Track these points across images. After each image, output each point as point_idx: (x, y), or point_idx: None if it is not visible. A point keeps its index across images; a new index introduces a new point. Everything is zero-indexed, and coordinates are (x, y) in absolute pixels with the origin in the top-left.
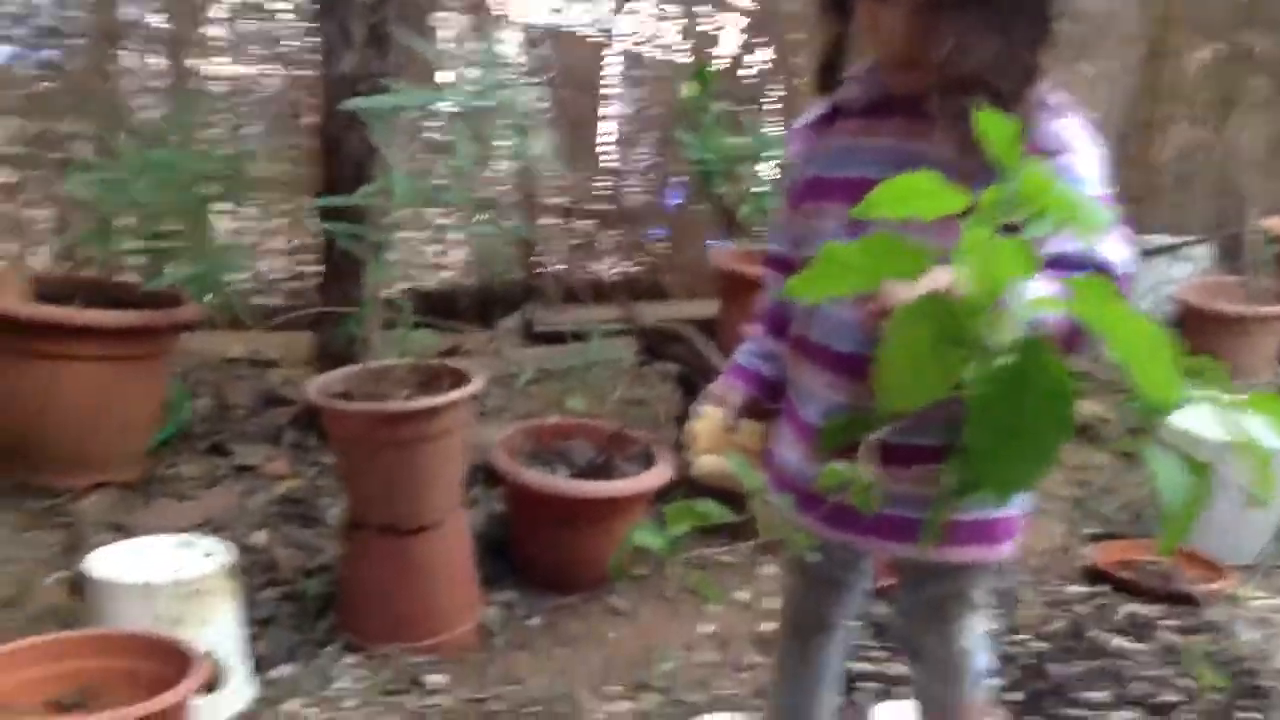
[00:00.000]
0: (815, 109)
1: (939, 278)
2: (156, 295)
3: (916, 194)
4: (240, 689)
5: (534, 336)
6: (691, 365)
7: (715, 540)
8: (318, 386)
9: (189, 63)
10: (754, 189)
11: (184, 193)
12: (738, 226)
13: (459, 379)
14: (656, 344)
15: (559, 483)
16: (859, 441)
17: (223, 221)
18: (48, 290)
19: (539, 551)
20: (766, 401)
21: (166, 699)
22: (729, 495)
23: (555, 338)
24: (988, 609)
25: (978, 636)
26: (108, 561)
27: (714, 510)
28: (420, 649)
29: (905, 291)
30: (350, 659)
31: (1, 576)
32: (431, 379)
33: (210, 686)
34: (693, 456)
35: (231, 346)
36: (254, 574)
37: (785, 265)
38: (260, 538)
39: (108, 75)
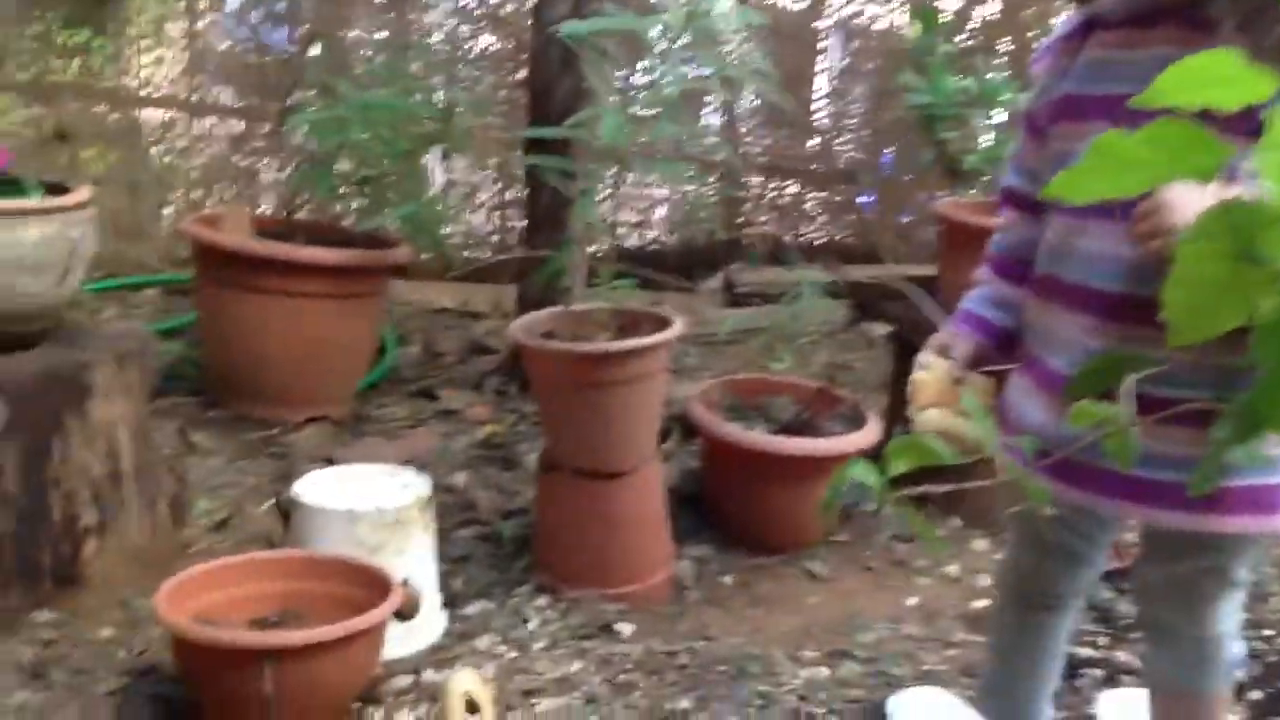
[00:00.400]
0: (1068, 22)
1: (1228, 188)
2: (371, 237)
3: (1215, 77)
4: (434, 621)
5: (735, 298)
6: (908, 324)
7: (923, 509)
8: (520, 326)
9: (410, 16)
10: (982, 138)
11: (399, 138)
12: (962, 176)
13: (660, 324)
14: (869, 302)
15: (759, 438)
16: (1115, 392)
17: (435, 174)
18: (269, 231)
19: (735, 509)
20: (997, 352)
21: (365, 620)
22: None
23: (757, 299)
24: (1246, 590)
25: (1234, 620)
26: (315, 487)
27: (941, 449)
28: (612, 596)
29: (1189, 201)
30: (542, 601)
31: (216, 501)
32: (632, 323)
33: (406, 614)
34: (915, 411)
35: (441, 298)
36: (452, 513)
37: (1024, 202)
38: (460, 479)
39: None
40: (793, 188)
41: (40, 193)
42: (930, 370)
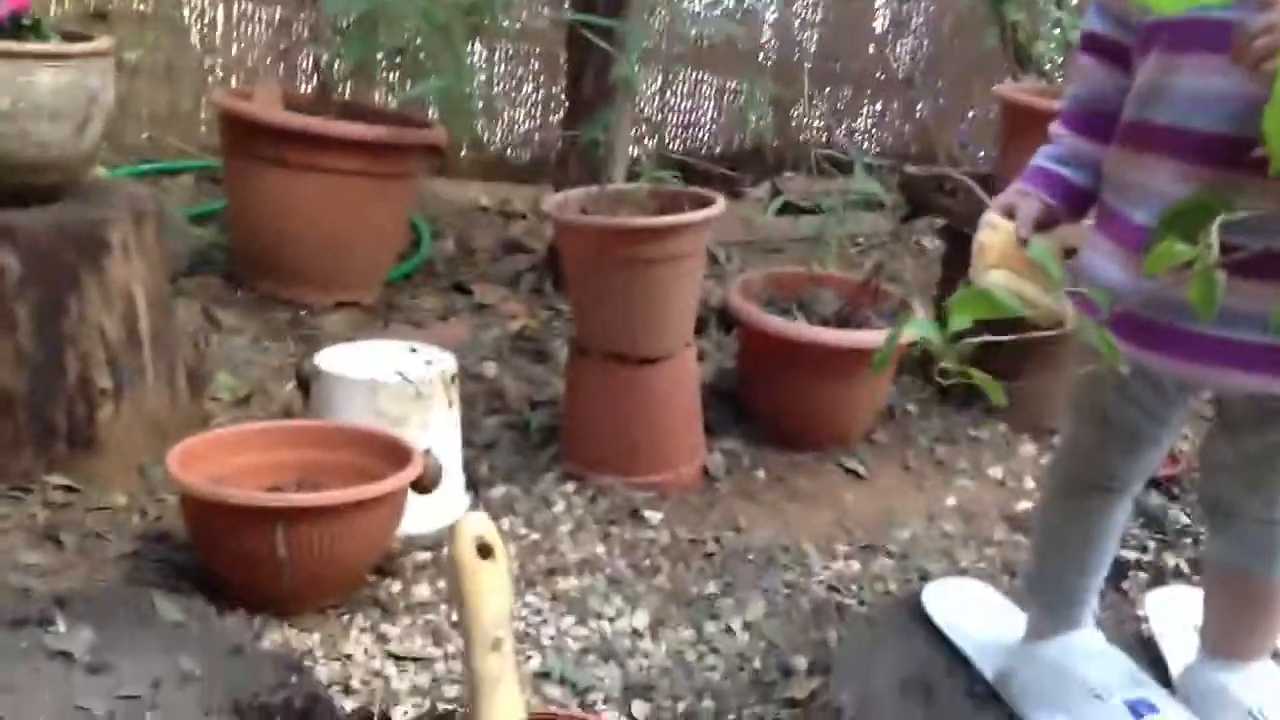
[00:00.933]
0: None
1: None
2: (405, 118)
3: None
4: (456, 502)
5: (783, 206)
6: (963, 218)
7: (968, 413)
8: (555, 201)
9: None
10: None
11: (436, 8)
12: (1029, 64)
13: (701, 204)
14: (922, 198)
15: (801, 328)
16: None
17: (477, 69)
18: (301, 107)
19: (772, 404)
20: (1068, 212)
21: (382, 486)
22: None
23: (805, 209)
24: None
25: None
26: (337, 357)
27: (1008, 301)
28: (639, 484)
29: None
30: (569, 487)
31: (241, 379)
32: (671, 204)
33: (426, 486)
34: (979, 273)
35: (479, 197)
36: (480, 401)
37: (1107, 49)
38: (490, 368)
39: None
40: (848, 92)
41: (58, 39)
42: (996, 231)
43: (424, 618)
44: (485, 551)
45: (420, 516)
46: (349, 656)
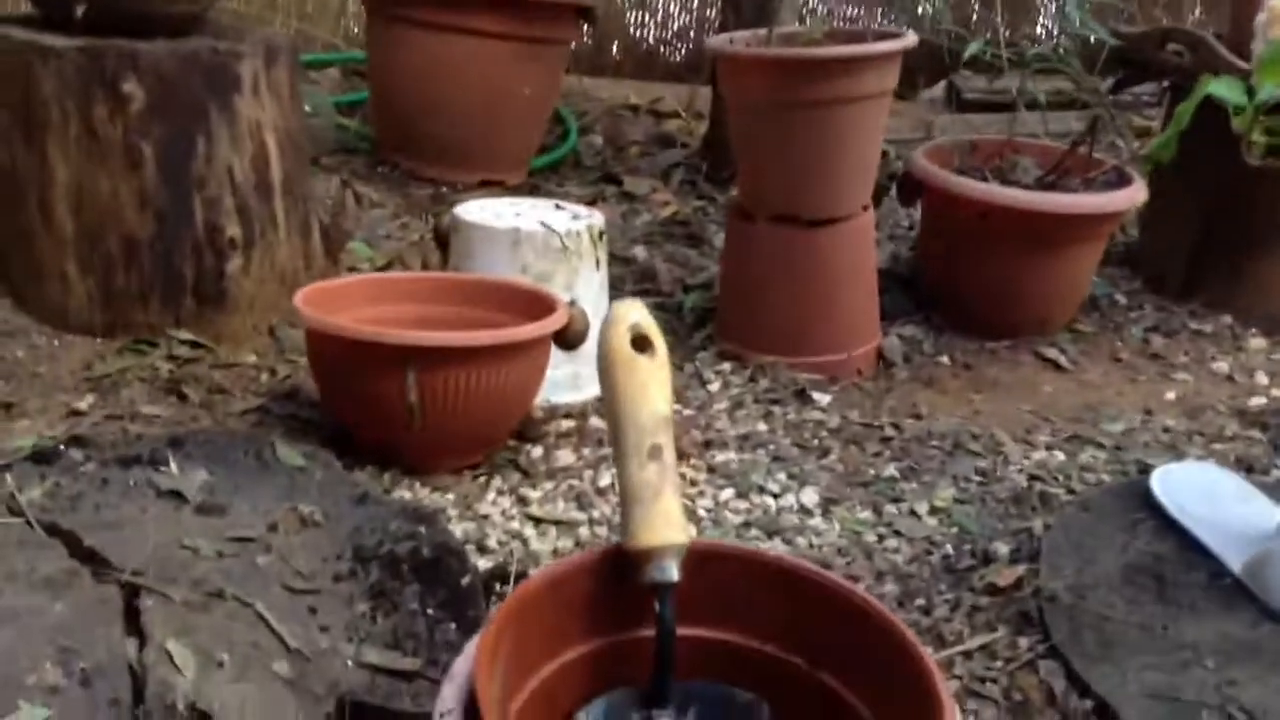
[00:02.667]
0: None
1: None
2: None
3: None
4: None
5: (962, 104)
6: (1188, 69)
7: (1187, 304)
8: (719, 40)
9: None
10: None
11: None
12: None
13: (885, 36)
14: (1142, 56)
15: (999, 191)
16: None
17: None
18: None
19: (959, 286)
20: None
21: (523, 331)
22: None
23: (987, 107)
24: None
25: None
26: (478, 209)
27: None
28: (805, 365)
29: None
30: (725, 366)
31: (379, 251)
32: (852, 42)
33: (571, 340)
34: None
35: (629, 95)
36: (629, 281)
37: None
38: (639, 251)
39: None
40: None
41: None
42: None
43: (568, 482)
44: (642, 344)
45: (564, 385)
46: (485, 517)
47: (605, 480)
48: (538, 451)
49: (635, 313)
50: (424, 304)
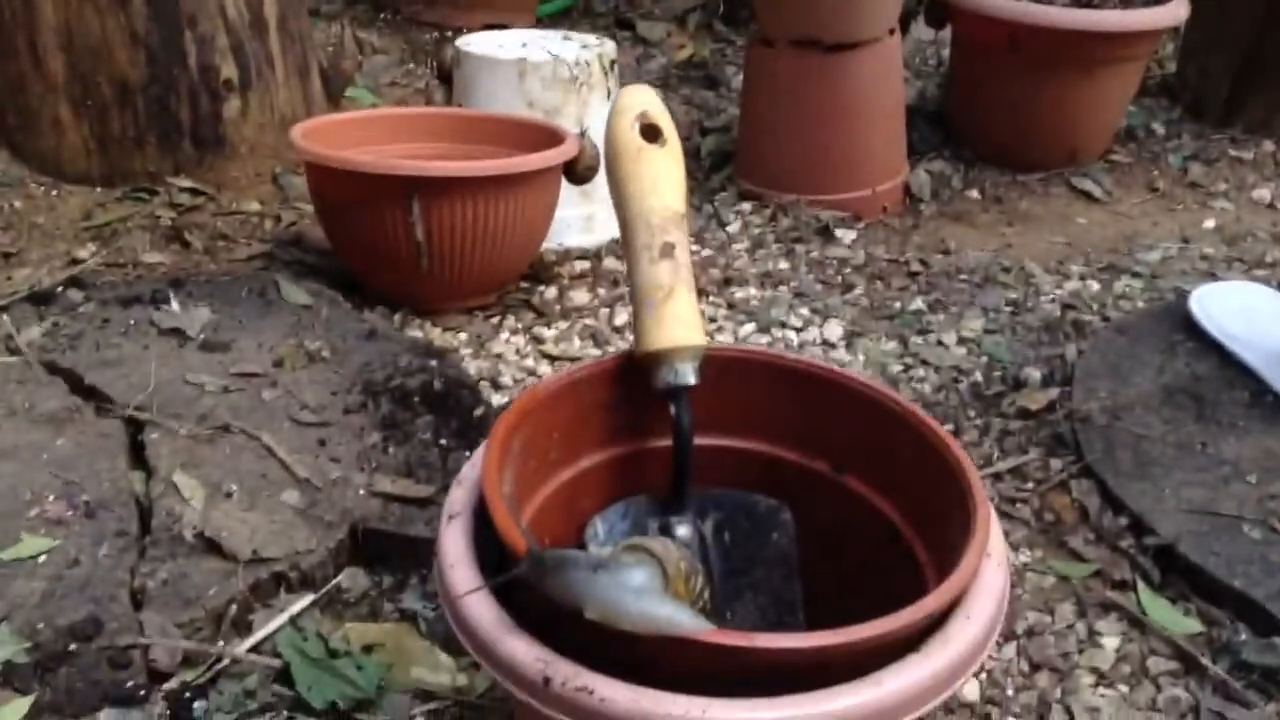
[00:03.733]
0: None
1: None
2: None
3: None
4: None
5: None
6: None
7: (1227, 132)
8: None
9: None
10: None
11: None
12: None
13: None
14: None
15: (1032, 9)
16: None
17: None
18: None
19: (989, 115)
20: None
21: (532, 159)
22: None
23: None
24: None
25: None
26: (482, 40)
27: None
28: (829, 202)
29: None
30: (745, 206)
31: (382, 97)
32: None
33: (581, 174)
34: None
35: None
36: None
37: None
38: None
39: None
40: None
41: None
42: None
43: (583, 322)
44: (652, 134)
45: (577, 227)
46: (499, 355)
47: (621, 319)
48: (551, 292)
49: (644, 99)
50: (427, 140)
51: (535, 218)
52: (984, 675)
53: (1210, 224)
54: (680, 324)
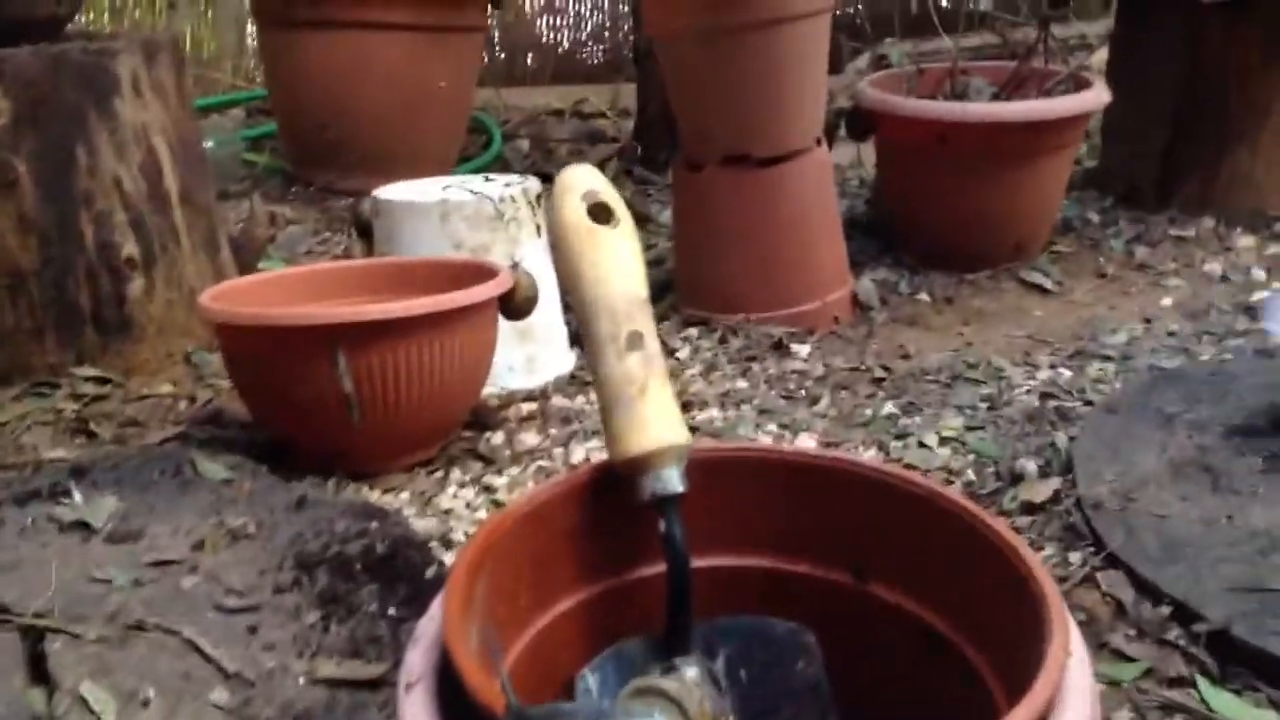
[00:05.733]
0: None
1: None
2: None
3: None
4: (561, 357)
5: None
6: None
7: (1164, 212)
8: None
9: None
10: None
11: None
12: None
13: None
14: None
15: (959, 108)
16: None
17: None
18: None
19: (927, 218)
20: None
21: (463, 296)
22: None
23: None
24: None
25: None
26: (400, 189)
27: None
28: (777, 319)
29: None
30: (692, 332)
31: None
32: None
33: (518, 307)
34: None
35: (551, 100)
36: None
37: None
38: None
39: None
40: None
41: None
42: None
43: (536, 464)
44: (603, 215)
45: (520, 369)
46: (448, 511)
47: (578, 455)
48: (499, 437)
49: (588, 177)
50: (350, 295)
51: (474, 359)
52: None
53: (1168, 301)
54: (661, 422)
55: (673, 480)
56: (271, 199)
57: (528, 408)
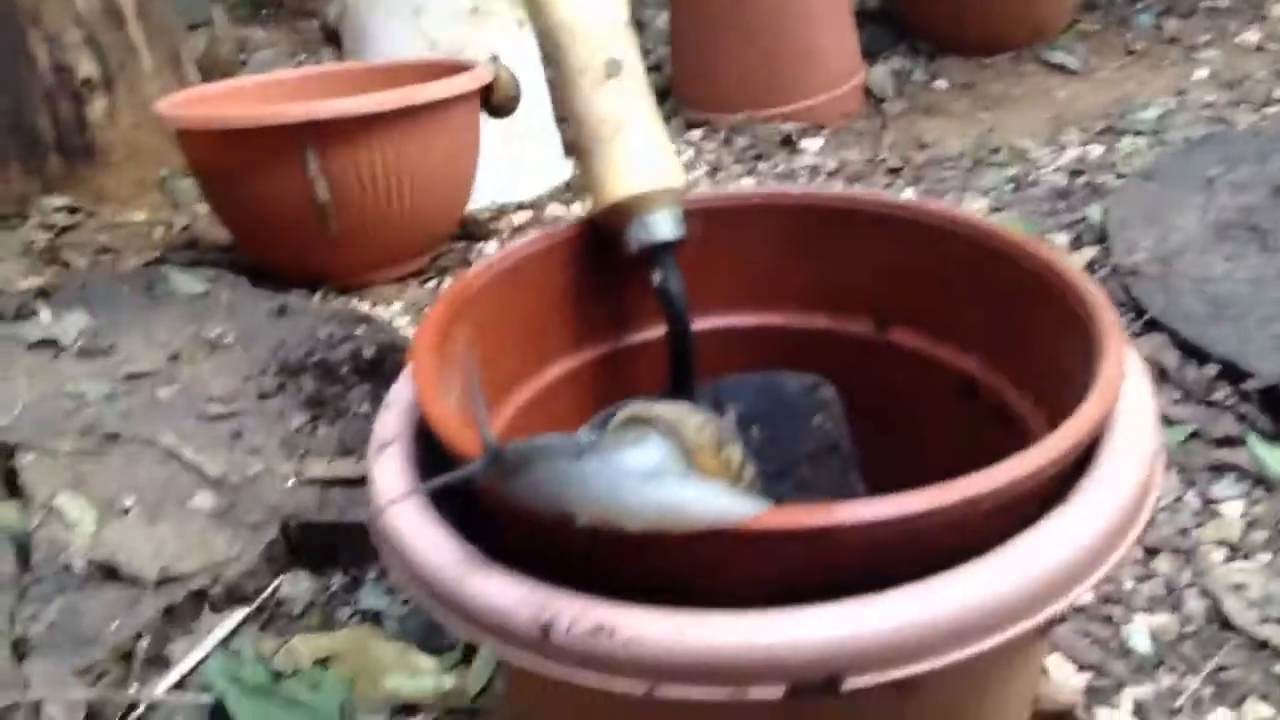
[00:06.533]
0: None
1: None
2: None
3: None
4: (554, 163)
5: None
6: None
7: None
8: None
9: None
10: None
11: None
12: None
13: None
14: None
15: None
16: None
17: None
18: None
19: (942, 4)
20: None
21: (439, 87)
22: None
23: None
24: None
25: None
26: None
27: None
28: (783, 115)
29: None
30: (694, 134)
31: None
32: None
33: (500, 105)
34: None
35: None
36: None
37: None
38: None
39: None
40: None
41: None
42: None
43: None
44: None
45: (507, 178)
46: None
47: None
48: (491, 247)
49: None
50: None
51: (457, 159)
52: None
53: (1202, 74)
54: (644, 162)
55: (663, 225)
56: (240, 23)
57: (521, 217)
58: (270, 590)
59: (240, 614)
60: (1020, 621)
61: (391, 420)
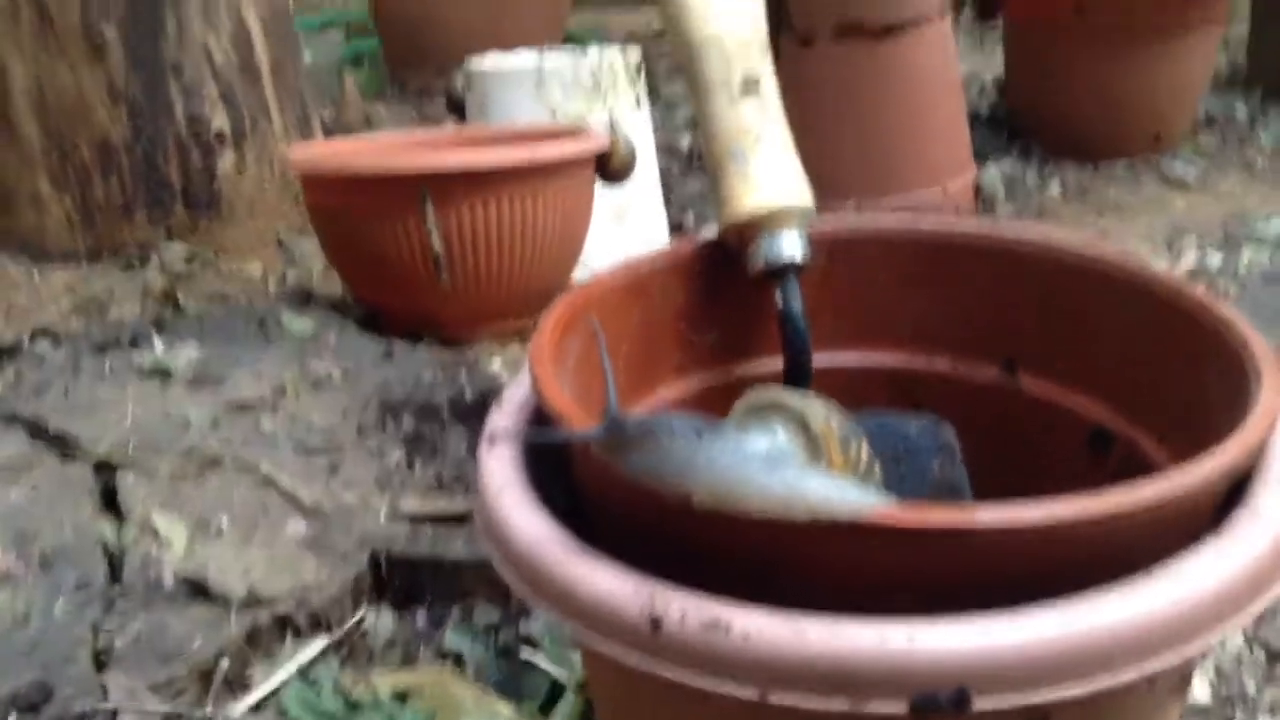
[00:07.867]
0: None
1: None
2: None
3: None
4: (659, 236)
5: None
6: None
7: None
8: None
9: None
10: None
11: None
12: None
13: None
14: None
15: None
16: None
17: None
18: None
19: (1059, 99)
20: None
21: (556, 148)
22: None
23: None
24: None
25: None
26: (493, 58)
27: None
28: (894, 204)
29: None
30: None
31: None
32: None
33: (616, 170)
34: None
35: (654, 21)
36: (676, 170)
37: None
38: (687, 140)
39: None
40: None
41: None
42: None
43: None
44: None
45: (617, 257)
46: None
47: None
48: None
49: None
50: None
51: (570, 221)
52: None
53: None
54: (777, 179)
55: (791, 246)
56: (366, 100)
57: None
58: (354, 621)
59: (322, 642)
60: (1171, 649)
61: (503, 418)
